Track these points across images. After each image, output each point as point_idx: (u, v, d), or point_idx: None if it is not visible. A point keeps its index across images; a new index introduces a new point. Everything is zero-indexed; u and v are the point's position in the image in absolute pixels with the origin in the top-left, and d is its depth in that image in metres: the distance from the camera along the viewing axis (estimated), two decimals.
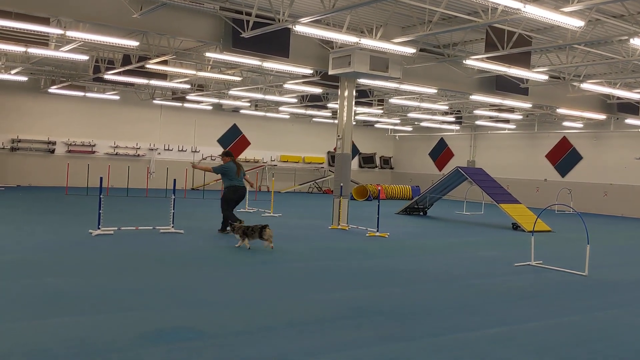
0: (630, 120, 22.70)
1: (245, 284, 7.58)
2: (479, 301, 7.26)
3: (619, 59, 14.13)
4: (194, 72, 16.98)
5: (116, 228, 11.51)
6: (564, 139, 28.08)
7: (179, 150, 28.12)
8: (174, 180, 12.55)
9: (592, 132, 26.52)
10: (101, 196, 11.04)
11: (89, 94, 24.30)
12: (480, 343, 5.48)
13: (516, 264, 10.14)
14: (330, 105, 24.20)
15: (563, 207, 15.95)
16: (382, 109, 25.01)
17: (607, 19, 11.90)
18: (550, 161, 28.66)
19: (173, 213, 11.95)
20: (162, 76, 18.90)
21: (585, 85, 16.66)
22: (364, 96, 22.19)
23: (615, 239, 15.60)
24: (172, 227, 11.88)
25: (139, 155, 26.95)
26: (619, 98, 20.36)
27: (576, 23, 9.56)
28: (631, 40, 11.02)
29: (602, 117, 22.28)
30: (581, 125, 26.47)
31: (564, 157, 28.05)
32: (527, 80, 17.70)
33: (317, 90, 20.11)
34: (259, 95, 22.09)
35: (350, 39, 11.74)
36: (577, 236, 15.25)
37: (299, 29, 10.82)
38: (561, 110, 20.92)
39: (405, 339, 5.48)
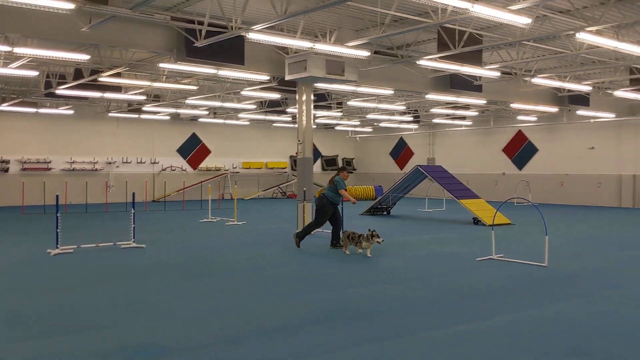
0: (581, 112, 23.38)
1: (212, 294, 7.51)
2: (444, 298, 7.36)
3: (568, 53, 14.54)
4: (148, 83, 16.75)
5: (75, 246, 11.25)
6: (519, 132, 28.75)
7: (137, 163, 27.67)
8: (133, 193, 12.35)
9: (545, 124, 27.22)
10: (58, 214, 10.77)
11: (41, 110, 23.69)
12: (448, 341, 5.55)
13: (478, 259, 10.31)
14: (289, 110, 24.21)
15: (524, 198, 16.29)
16: (341, 111, 25.15)
17: (553, 14, 12.23)
18: (507, 155, 29.29)
19: (134, 227, 11.76)
20: (117, 88, 18.60)
21: (537, 80, 17.09)
22: (323, 99, 22.28)
23: (573, 228, 16.02)
24: (134, 241, 11.69)
25: (96, 169, 26.41)
26: (569, 91, 20.93)
27: (523, 20, 9.80)
28: (577, 35, 11.34)
29: (554, 109, 22.88)
30: (535, 119, 27.14)
31: (520, 150, 28.71)
32: (480, 77, 18.04)
33: (275, 95, 20.10)
34: (217, 103, 21.95)
35: (305, 44, 11.77)
36: (536, 227, 15.60)
37: (252, 36, 10.79)
38: (515, 105, 21.41)
39: (376, 340, 5.51)
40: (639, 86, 18.63)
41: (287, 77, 13.84)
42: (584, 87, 18.61)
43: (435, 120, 29.51)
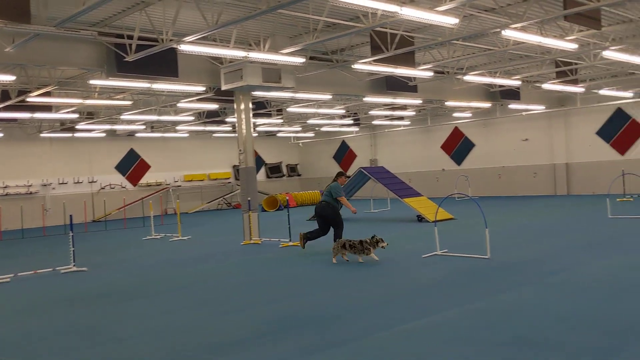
0: (513, 106, 24.20)
1: (159, 313, 7.33)
2: (393, 298, 7.44)
3: (496, 49, 15.02)
4: (80, 100, 16.26)
5: (12, 274, 10.77)
6: (455, 129, 29.50)
7: (74, 183, 26.79)
8: (70, 215, 11.93)
9: (480, 120, 28.04)
10: None
11: None
12: (398, 340, 5.60)
13: (424, 256, 10.48)
14: (229, 119, 24.01)
15: (463, 193, 16.83)
16: (281, 118, 25.13)
17: (480, 13, 12.61)
18: (445, 152, 29.99)
19: (73, 251, 11.35)
20: (47, 108, 17.96)
21: (469, 77, 17.58)
22: (262, 107, 22.19)
23: (512, 219, 16.55)
24: (74, 265, 11.28)
25: (31, 193, 25.39)
26: (500, 86, 21.65)
27: (451, 21, 10.06)
28: (504, 32, 11.72)
29: (487, 105, 23.60)
30: (470, 115, 27.92)
31: (458, 146, 29.47)
32: (415, 77, 18.41)
33: (213, 106, 19.89)
34: (154, 117, 21.51)
35: (239, 53, 11.70)
36: (477, 221, 15.99)
37: (184, 48, 10.65)
38: (450, 103, 21.95)
39: (327, 347, 5.50)
40: (565, 78, 19.45)
41: (224, 87, 13.73)
42: (513, 82, 19.28)
43: (375, 122, 29.92)
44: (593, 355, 4.83)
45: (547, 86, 20.47)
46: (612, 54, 14.89)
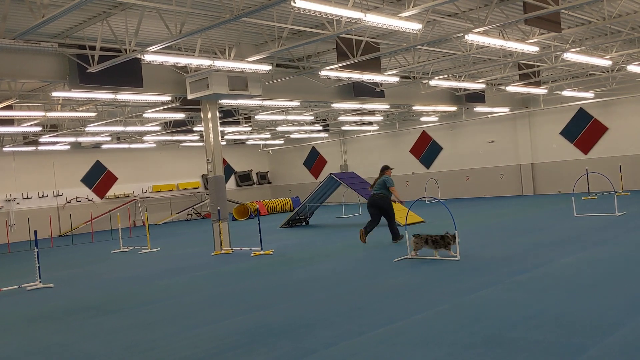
0: (478, 109, 24.57)
1: (129, 328, 7.19)
2: (366, 302, 7.44)
3: (460, 54, 15.24)
4: (43, 113, 15.94)
5: None
6: (423, 133, 29.80)
7: (39, 197, 26.22)
8: (35, 231, 11.66)
9: (447, 123, 28.40)
10: None
11: None
12: (371, 345, 5.60)
13: (395, 260, 10.53)
14: (196, 128, 23.82)
15: (432, 197, 17.11)
16: (250, 125, 25.05)
17: (442, 18, 12.77)
18: (414, 155, 30.27)
19: (39, 267, 11.09)
20: (9, 121, 17.57)
21: (434, 82, 17.79)
22: (230, 115, 22.09)
23: (481, 220, 16.75)
24: (40, 282, 11.02)
25: None
26: (465, 89, 21.96)
27: (414, 26, 10.15)
28: (467, 37, 11.89)
29: (453, 108, 23.90)
30: (437, 119, 28.26)
31: (426, 149, 29.78)
32: (382, 83, 18.55)
33: (179, 115, 19.71)
34: (119, 128, 21.19)
35: (204, 62, 11.63)
36: (448, 223, 16.15)
37: (147, 58, 10.53)
38: (417, 107, 22.17)
39: (300, 357, 5.46)
40: (527, 80, 19.83)
41: (190, 96, 13.60)
42: (478, 85, 19.57)
43: (345, 128, 30.04)
44: (560, 354, 4.90)
45: (510, 88, 20.84)
46: (572, 56, 15.23)
